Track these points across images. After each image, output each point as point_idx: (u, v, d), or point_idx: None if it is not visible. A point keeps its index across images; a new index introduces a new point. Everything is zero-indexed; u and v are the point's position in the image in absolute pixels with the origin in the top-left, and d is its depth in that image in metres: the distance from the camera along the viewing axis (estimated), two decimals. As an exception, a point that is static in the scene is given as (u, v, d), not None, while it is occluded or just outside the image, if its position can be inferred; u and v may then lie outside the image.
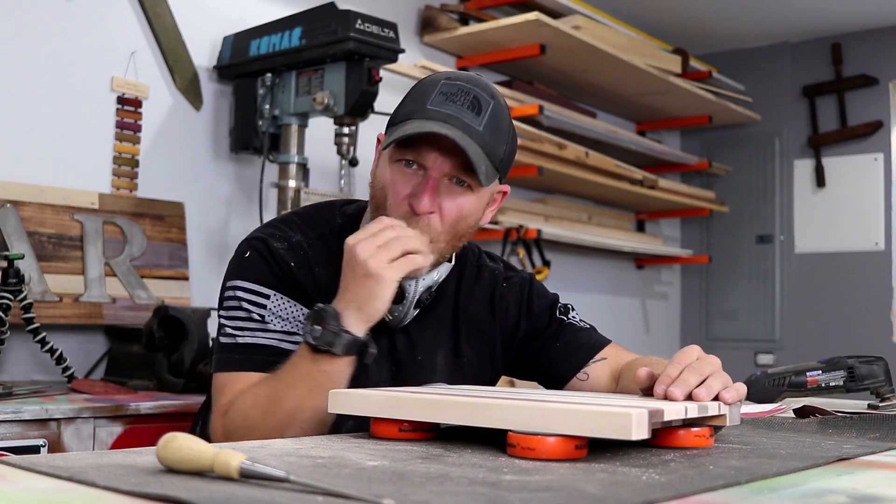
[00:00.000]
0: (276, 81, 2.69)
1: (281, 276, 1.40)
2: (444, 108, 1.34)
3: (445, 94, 1.35)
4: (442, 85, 1.36)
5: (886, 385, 1.65)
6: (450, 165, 1.35)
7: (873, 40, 4.55)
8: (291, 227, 1.46)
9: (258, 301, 1.39)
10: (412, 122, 1.34)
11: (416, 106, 1.36)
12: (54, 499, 0.73)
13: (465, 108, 1.34)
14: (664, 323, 4.96)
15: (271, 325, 1.38)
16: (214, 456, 0.81)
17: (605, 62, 3.77)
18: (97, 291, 2.42)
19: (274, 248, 1.41)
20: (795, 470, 0.96)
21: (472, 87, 1.36)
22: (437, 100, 1.35)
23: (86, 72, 2.57)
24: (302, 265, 1.42)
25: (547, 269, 3.66)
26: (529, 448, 0.97)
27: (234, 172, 2.91)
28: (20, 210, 2.35)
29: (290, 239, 1.44)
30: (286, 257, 1.41)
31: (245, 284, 1.40)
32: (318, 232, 1.47)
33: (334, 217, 1.50)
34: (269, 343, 1.37)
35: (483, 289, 1.58)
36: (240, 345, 1.38)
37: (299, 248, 1.43)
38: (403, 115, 1.37)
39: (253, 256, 1.42)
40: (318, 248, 1.44)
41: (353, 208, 1.53)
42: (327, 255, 1.44)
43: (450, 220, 1.37)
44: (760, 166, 4.84)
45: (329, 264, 1.42)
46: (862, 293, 4.51)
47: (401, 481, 0.82)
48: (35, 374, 2.38)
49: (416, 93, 1.39)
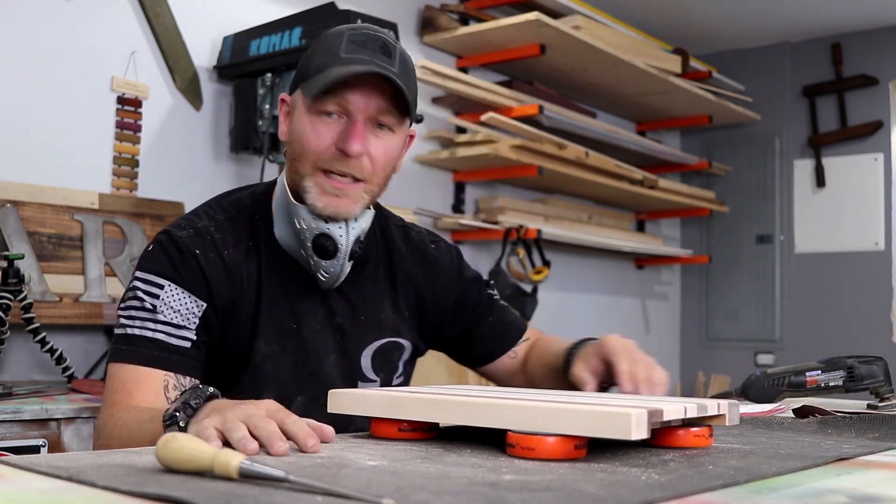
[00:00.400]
0: (276, 81, 2.69)
1: (180, 265, 1.37)
2: (359, 55, 1.35)
3: (356, 42, 1.36)
4: (348, 34, 1.38)
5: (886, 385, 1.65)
6: (374, 107, 1.36)
7: (873, 40, 4.55)
8: (199, 214, 1.45)
9: (152, 291, 1.36)
10: (329, 70, 1.34)
11: (328, 57, 1.36)
12: (54, 499, 0.73)
13: (378, 53, 1.36)
14: (664, 323, 4.96)
15: (161, 315, 1.35)
16: (214, 456, 0.81)
17: (605, 62, 3.77)
18: (97, 291, 2.43)
19: (177, 238, 1.39)
20: (795, 470, 0.96)
21: (378, 34, 1.39)
22: (349, 48, 1.36)
23: (86, 72, 2.57)
24: (209, 250, 1.39)
25: (547, 269, 3.66)
26: (529, 448, 0.97)
27: (234, 172, 2.91)
28: (20, 210, 2.35)
29: (196, 225, 1.42)
30: (190, 245, 1.38)
31: (142, 275, 1.38)
32: (227, 215, 1.45)
33: (244, 199, 1.49)
34: (156, 337, 1.34)
35: (413, 247, 1.60)
36: (129, 336, 1.35)
37: (206, 234, 1.41)
38: (315, 67, 1.37)
39: (155, 249, 1.40)
40: (226, 229, 1.43)
41: (263, 186, 1.52)
42: (235, 237, 1.43)
43: (380, 163, 1.39)
44: (760, 166, 4.84)
45: (238, 244, 1.43)
46: (862, 293, 4.51)
47: (400, 481, 0.82)
48: (35, 374, 2.38)
49: (323, 44, 1.39)
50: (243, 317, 1.42)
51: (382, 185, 1.44)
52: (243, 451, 0.94)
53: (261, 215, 1.47)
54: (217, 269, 1.39)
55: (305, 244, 1.40)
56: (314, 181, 1.38)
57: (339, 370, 1.48)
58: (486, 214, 3.69)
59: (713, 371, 4.78)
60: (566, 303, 4.26)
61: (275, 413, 1.01)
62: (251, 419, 0.99)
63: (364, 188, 1.40)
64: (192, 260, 1.38)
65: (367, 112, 1.36)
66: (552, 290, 4.07)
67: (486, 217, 3.67)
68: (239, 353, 1.42)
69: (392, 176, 1.46)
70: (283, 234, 1.44)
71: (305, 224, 1.40)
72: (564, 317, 4.24)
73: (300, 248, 1.42)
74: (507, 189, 3.94)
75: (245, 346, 1.42)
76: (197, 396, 1.07)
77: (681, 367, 5.02)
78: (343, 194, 1.38)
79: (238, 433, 0.96)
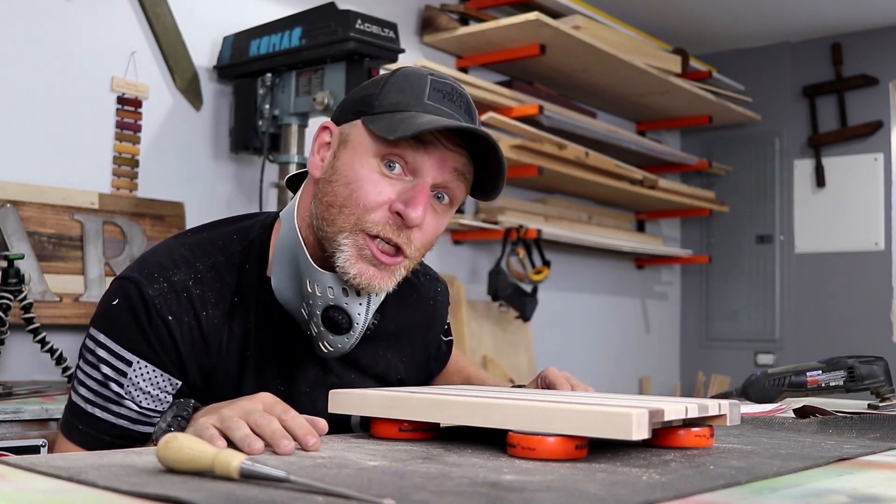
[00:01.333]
0: (276, 81, 2.69)
1: (152, 337, 1.16)
2: (444, 106, 1.17)
3: (440, 92, 1.18)
4: (432, 81, 1.19)
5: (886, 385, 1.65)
6: (447, 173, 1.17)
7: (873, 40, 4.55)
8: (176, 261, 1.21)
9: (119, 367, 1.16)
10: (414, 114, 1.15)
11: (409, 97, 1.17)
12: (54, 499, 0.73)
13: (463, 111, 1.19)
14: (664, 323, 4.96)
15: (127, 400, 1.16)
16: (214, 456, 0.81)
17: (605, 62, 3.77)
18: (97, 291, 2.42)
19: (148, 298, 1.16)
20: (795, 470, 0.96)
21: (461, 89, 1.22)
22: (433, 95, 1.17)
23: (86, 72, 2.57)
24: (184, 313, 1.18)
25: (547, 269, 3.66)
26: (529, 448, 0.97)
27: (234, 172, 2.91)
28: (20, 210, 2.35)
29: (171, 279, 1.18)
30: (162, 309, 1.16)
31: (108, 342, 1.17)
32: (211, 262, 1.22)
33: (233, 243, 1.25)
34: (119, 423, 1.17)
35: (423, 297, 1.45)
36: (88, 414, 1.18)
37: (182, 290, 1.18)
38: (392, 104, 1.17)
39: (121, 306, 1.17)
40: (207, 282, 1.20)
41: (259, 227, 1.28)
42: (218, 292, 1.21)
43: (429, 240, 1.20)
44: (760, 166, 4.84)
45: (219, 303, 1.21)
46: (862, 293, 4.51)
47: (401, 481, 0.82)
48: (35, 374, 2.38)
49: (402, 82, 1.19)
50: (223, 382, 1.22)
51: (417, 264, 1.24)
52: (248, 451, 0.93)
53: (253, 266, 1.24)
54: (192, 338, 1.18)
55: (313, 310, 1.20)
56: (353, 240, 1.15)
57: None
58: (486, 214, 3.69)
59: (713, 371, 4.78)
60: (566, 303, 4.26)
61: (272, 407, 0.98)
62: (251, 416, 0.96)
63: (404, 265, 1.19)
64: (163, 329, 1.16)
65: (438, 176, 1.17)
66: (552, 290, 4.07)
67: (486, 217, 3.67)
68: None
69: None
70: (284, 288, 1.23)
71: (320, 291, 1.18)
72: (564, 317, 4.24)
73: (301, 308, 1.22)
74: (507, 189, 3.94)
75: None
76: (183, 409, 1.04)
77: (681, 367, 5.02)
78: (383, 268, 1.17)
79: (240, 431, 0.93)
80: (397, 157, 1.15)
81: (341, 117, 1.23)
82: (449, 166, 1.17)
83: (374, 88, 1.20)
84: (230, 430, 0.95)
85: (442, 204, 1.20)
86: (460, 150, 1.18)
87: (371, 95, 1.20)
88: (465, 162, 1.18)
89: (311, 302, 1.19)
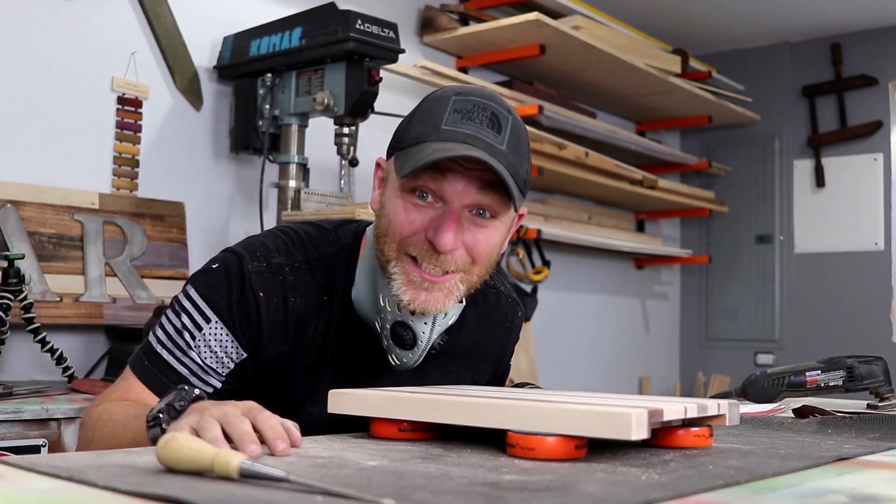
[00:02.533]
0: (276, 81, 2.69)
1: (237, 305, 1.25)
2: (462, 128, 1.18)
3: (461, 112, 1.19)
4: (454, 101, 1.20)
5: (886, 385, 1.65)
6: (473, 194, 1.19)
7: (873, 40, 4.55)
8: (278, 245, 1.31)
9: (197, 321, 1.26)
10: (427, 144, 1.18)
11: (428, 127, 1.20)
12: (54, 499, 0.73)
13: (485, 127, 1.19)
14: (664, 323, 4.96)
15: (194, 352, 1.25)
16: (214, 456, 0.81)
17: (605, 62, 3.77)
18: (97, 291, 2.43)
19: (246, 271, 1.26)
20: (795, 470, 0.96)
21: (487, 102, 1.21)
22: (451, 118, 1.19)
23: (86, 72, 2.57)
24: (275, 294, 1.27)
25: (547, 269, 3.66)
26: (529, 448, 0.97)
27: (235, 172, 2.91)
28: (20, 210, 2.35)
29: (272, 260, 1.28)
30: (256, 285, 1.26)
31: (195, 297, 1.27)
32: (306, 256, 1.31)
33: (328, 245, 1.34)
34: (180, 370, 1.26)
35: (501, 319, 1.49)
36: (156, 354, 1.27)
37: (279, 273, 1.28)
38: (413, 137, 1.21)
39: (219, 271, 1.28)
40: (301, 274, 1.30)
41: (350, 234, 1.36)
42: (307, 285, 1.30)
43: (482, 253, 1.23)
44: (760, 166, 4.84)
45: (308, 295, 1.29)
46: (862, 293, 4.51)
47: (400, 481, 0.82)
48: (35, 374, 2.38)
49: (425, 111, 1.23)
50: (298, 375, 1.30)
51: (484, 275, 1.27)
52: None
53: (342, 269, 1.32)
54: (276, 319, 1.27)
55: (384, 325, 1.28)
56: (400, 268, 1.22)
57: None
58: (486, 214, 3.68)
59: (713, 371, 4.78)
60: (566, 303, 4.26)
61: (249, 411, 0.99)
62: (226, 417, 0.97)
63: (460, 278, 1.23)
64: (252, 302, 1.25)
65: (464, 200, 1.19)
66: (552, 290, 4.08)
67: (486, 217, 3.66)
68: (285, 412, 1.14)
69: (496, 262, 1.29)
70: (363, 300, 1.30)
71: (389, 307, 1.26)
72: (564, 317, 4.24)
73: (376, 321, 1.29)
74: (507, 189, 3.93)
75: (295, 407, 1.29)
76: (181, 398, 1.05)
77: (680, 367, 5.02)
78: (433, 288, 1.21)
79: (211, 433, 0.94)
80: (422, 188, 1.20)
81: (387, 153, 1.29)
82: (473, 187, 1.19)
83: (404, 122, 1.26)
84: (202, 430, 0.95)
85: (484, 218, 1.22)
86: (482, 167, 1.18)
87: (400, 130, 1.25)
88: (490, 177, 1.19)
89: (383, 316, 1.27)
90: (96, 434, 1.21)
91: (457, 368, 1.41)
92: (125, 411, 1.21)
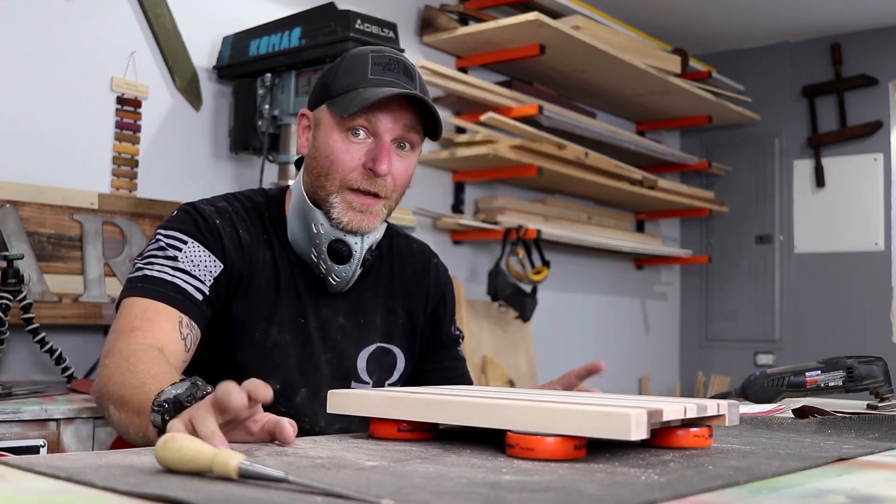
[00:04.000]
0: (275, 81, 2.69)
1: (203, 228, 1.45)
2: (386, 77, 1.44)
3: (381, 65, 1.45)
4: (373, 57, 1.46)
5: (885, 385, 1.65)
6: (401, 128, 1.44)
7: (873, 40, 4.55)
8: (217, 199, 1.53)
9: (174, 244, 1.43)
10: (361, 90, 1.42)
11: (356, 77, 1.44)
12: (53, 499, 0.73)
13: (402, 76, 1.45)
14: (664, 323, 4.97)
15: (181, 264, 1.41)
16: (213, 456, 0.81)
17: (604, 62, 3.77)
18: (97, 291, 2.42)
19: (200, 208, 1.48)
20: (794, 470, 0.96)
21: (399, 57, 1.48)
22: (375, 70, 1.44)
23: (86, 72, 2.57)
24: (227, 224, 1.48)
25: (547, 270, 3.66)
26: (528, 448, 0.97)
27: (234, 172, 2.91)
28: (20, 210, 2.35)
29: (216, 204, 1.51)
30: (212, 216, 1.47)
31: (165, 232, 1.45)
32: (243, 205, 1.53)
33: (255, 195, 1.57)
34: (174, 281, 1.40)
35: (416, 259, 1.69)
36: (147, 276, 1.40)
37: (224, 212, 1.49)
38: (344, 86, 1.44)
39: (179, 214, 1.48)
40: (242, 215, 1.51)
41: (276, 190, 1.61)
42: (249, 222, 1.51)
43: (401, 181, 1.48)
44: (760, 166, 4.84)
45: (249, 229, 1.50)
46: (862, 293, 4.51)
47: (399, 481, 0.82)
48: (35, 374, 2.38)
49: (349, 66, 1.46)
50: (257, 298, 1.48)
51: (398, 201, 1.52)
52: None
53: (272, 215, 1.54)
54: (234, 242, 1.47)
55: (321, 248, 1.48)
56: (341, 198, 1.45)
57: (335, 368, 1.53)
58: (486, 214, 3.69)
59: (712, 371, 4.78)
60: (566, 303, 4.26)
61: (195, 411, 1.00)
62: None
63: (384, 204, 1.48)
64: (214, 227, 1.46)
65: (394, 133, 1.45)
66: (552, 290, 4.08)
67: (486, 217, 3.67)
68: (248, 334, 1.47)
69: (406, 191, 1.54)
70: (297, 238, 1.51)
71: (323, 230, 1.47)
72: (564, 317, 4.24)
73: (311, 253, 1.50)
74: (507, 189, 3.94)
75: (256, 329, 1.47)
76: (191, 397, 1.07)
77: (680, 367, 5.02)
78: (367, 211, 1.46)
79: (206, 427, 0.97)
80: (358, 126, 1.44)
81: (312, 104, 1.52)
82: (400, 123, 1.44)
83: (330, 76, 1.49)
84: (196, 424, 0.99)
85: (404, 151, 1.48)
86: (406, 108, 1.44)
87: (328, 83, 1.48)
88: (412, 116, 1.45)
89: (318, 242, 1.48)
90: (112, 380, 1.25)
91: (387, 299, 1.61)
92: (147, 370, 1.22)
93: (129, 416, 1.18)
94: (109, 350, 1.33)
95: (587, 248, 4.20)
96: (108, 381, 1.26)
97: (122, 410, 1.20)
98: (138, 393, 1.16)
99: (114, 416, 1.23)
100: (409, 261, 1.68)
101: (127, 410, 1.19)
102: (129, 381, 1.21)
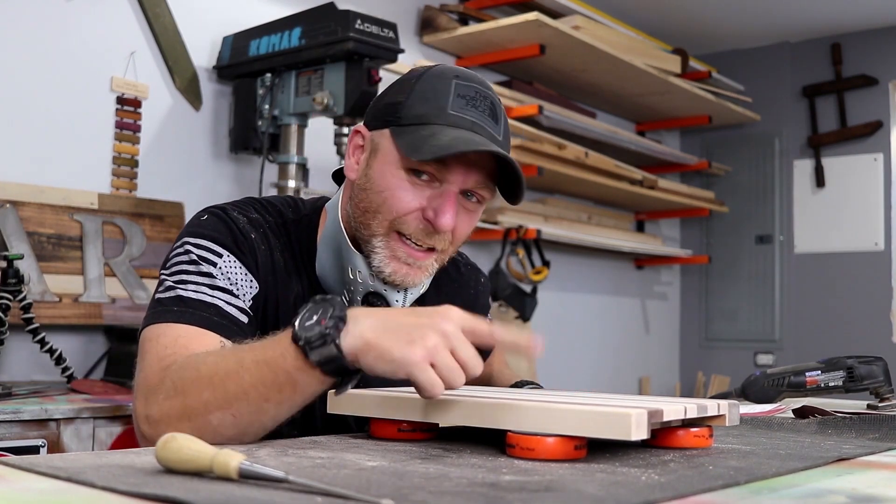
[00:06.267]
0: (275, 81, 2.69)
1: (240, 240, 1.25)
2: (467, 115, 1.22)
3: (465, 98, 1.23)
4: (456, 86, 1.23)
5: (886, 385, 1.64)
6: (472, 181, 1.24)
7: (873, 40, 4.55)
8: (247, 206, 1.32)
9: (209, 258, 1.22)
10: (437, 128, 1.21)
11: (433, 108, 1.22)
12: (53, 499, 0.73)
13: (486, 115, 1.24)
14: (664, 323, 4.96)
15: (219, 282, 1.20)
16: (213, 456, 0.81)
17: (604, 62, 3.77)
18: (97, 291, 2.42)
19: (233, 217, 1.27)
20: (795, 470, 0.96)
21: (486, 91, 1.26)
22: (457, 103, 1.22)
23: (85, 72, 2.57)
24: (262, 241, 1.27)
25: (547, 270, 3.66)
26: (529, 448, 0.96)
27: (234, 173, 2.91)
28: (20, 210, 2.34)
29: (249, 214, 1.29)
30: (245, 228, 1.26)
31: (198, 241, 1.23)
32: (274, 221, 1.32)
33: (286, 212, 1.35)
34: (215, 302, 1.19)
35: (463, 286, 1.53)
36: (182, 297, 1.18)
37: (259, 226, 1.29)
38: (416, 116, 1.22)
39: (210, 219, 1.26)
40: (273, 232, 1.31)
41: (308, 207, 1.38)
42: (282, 245, 1.31)
43: (462, 236, 1.28)
44: (760, 166, 4.84)
45: (284, 252, 1.30)
46: (862, 293, 4.51)
47: (400, 482, 0.82)
48: (35, 374, 2.38)
49: (426, 89, 1.24)
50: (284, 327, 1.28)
51: (453, 255, 1.33)
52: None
53: (301, 236, 1.33)
54: (268, 263, 1.27)
55: (354, 297, 1.28)
56: (385, 243, 1.25)
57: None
58: (486, 214, 3.69)
59: (713, 371, 4.78)
60: (566, 303, 4.26)
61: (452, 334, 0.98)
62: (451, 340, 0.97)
63: (437, 258, 1.28)
64: (251, 241, 1.25)
65: (465, 184, 1.24)
66: (552, 290, 4.07)
67: (486, 217, 3.67)
68: None
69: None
70: (326, 274, 1.32)
71: (360, 278, 1.27)
72: (564, 317, 4.24)
73: (343, 295, 1.30)
74: (507, 189, 3.93)
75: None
76: (332, 305, 0.97)
77: (680, 367, 5.02)
78: (416, 264, 1.25)
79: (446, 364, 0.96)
80: (426, 171, 1.22)
81: (372, 122, 1.29)
82: (473, 177, 1.23)
83: (401, 95, 1.25)
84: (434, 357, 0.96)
85: (472, 202, 1.27)
86: (485, 159, 1.23)
87: (398, 104, 1.25)
88: (488, 172, 1.24)
89: (352, 289, 1.28)
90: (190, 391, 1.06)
91: None
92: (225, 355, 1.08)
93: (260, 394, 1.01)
94: (154, 384, 1.10)
95: (587, 248, 4.20)
96: (189, 394, 1.06)
97: (241, 402, 1.02)
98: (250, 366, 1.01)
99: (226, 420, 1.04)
100: (459, 291, 1.50)
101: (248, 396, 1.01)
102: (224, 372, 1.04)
